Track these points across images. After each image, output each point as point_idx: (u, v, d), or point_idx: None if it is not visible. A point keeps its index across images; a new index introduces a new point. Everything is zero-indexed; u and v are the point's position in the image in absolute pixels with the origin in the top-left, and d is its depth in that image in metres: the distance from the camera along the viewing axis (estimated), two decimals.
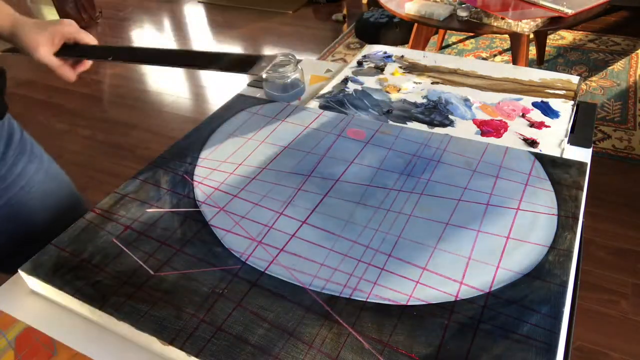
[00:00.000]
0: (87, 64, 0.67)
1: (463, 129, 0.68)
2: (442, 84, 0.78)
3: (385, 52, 0.89)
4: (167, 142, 0.68)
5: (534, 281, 0.44)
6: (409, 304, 0.44)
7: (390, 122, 0.70)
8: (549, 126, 0.67)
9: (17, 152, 0.66)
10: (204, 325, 0.43)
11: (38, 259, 0.50)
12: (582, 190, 0.54)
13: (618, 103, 2.00)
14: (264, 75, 0.76)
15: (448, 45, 2.53)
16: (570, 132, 0.67)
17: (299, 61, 0.82)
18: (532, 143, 0.64)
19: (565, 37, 2.52)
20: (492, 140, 0.65)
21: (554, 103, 0.71)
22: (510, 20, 1.63)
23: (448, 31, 2.50)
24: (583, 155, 0.62)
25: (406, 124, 0.70)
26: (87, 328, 0.47)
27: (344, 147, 0.63)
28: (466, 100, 0.74)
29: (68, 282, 0.48)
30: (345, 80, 0.81)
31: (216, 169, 0.61)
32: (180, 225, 0.53)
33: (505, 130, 0.67)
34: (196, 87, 2.44)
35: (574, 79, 0.77)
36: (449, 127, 0.68)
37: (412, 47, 2.04)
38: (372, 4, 2.86)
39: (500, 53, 2.43)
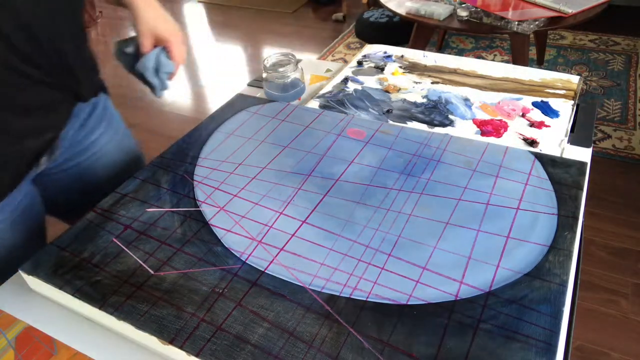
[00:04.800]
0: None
1: (463, 129, 0.68)
2: (442, 83, 0.78)
3: (385, 52, 0.89)
4: (167, 142, 0.68)
5: (534, 281, 0.44)
6: (409, 303, 0.44)
7: (390, 122, 0.70)
8: (549, 126, 0.67)
9: (97, 121, 0.71)
10: (204, 325, 0.43)
11: (38, 258, 0.50)
12: (582, 190, 0.54)
13: (618, 103, 2.00)
14: (264, 75, 0.76)
15: (448, 45, 2.53)
16: (570, 131, 0.67)
17: (299, 61, 0.82)
18: (532, 143, 0.64)
19: (565, 37, 2.52)
20: (492, 140, 0.65)
21: (554, 103, 0.71)
22: (510, 20, 1.63)
23: (448, 31, 2.50)
24: (583, 155, 0.62)
25: (406, 123, 0.70)
26: (87, 328, 0.47)
27: (344, 147, 0.63)
28: (466, 100, 0.74)
29: (68, 282, 0.48)
30: (346, 80, 0.81)
31: (216, 169, 0.61)
32: (180, 224, 0.53)
33: (505, 130, 0.67)
34: (196, 87, 2.44)
35: (574, 78, 0.77)
36: (449, 127, 0.68)
37: (412, 47, 2.04)
38: (372, 3, 2.86)
39: (500, 53, 2.43)
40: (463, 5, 1.76)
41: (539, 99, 0.73)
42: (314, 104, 0.75)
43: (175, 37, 0.66)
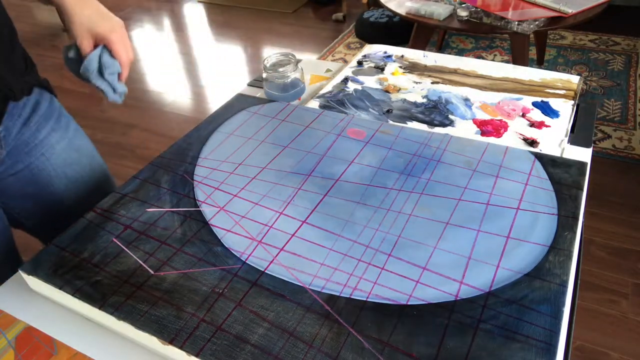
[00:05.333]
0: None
1: (463, 129, 0.68)
2: (442, 83, 0.78)
3: (385, 52, 0.89)
4: (167, 142, 0.68)
5: (534, 281, 0.44)
6: (409, 303, 0.44)
7: (390, 122, 0.70)
8: (549, 126, 0.67)
9: (42, 119, 0.68)
10: (204, 325, 0.43)
11: (38, 258, 0.50)
12: (582, 190, 0.54)
13: (618, 103, 2.00)
14: (264, 75, 0.76)
15: (448, 45, 2.53)
16: (571, 131, 0.67)
17: (299, 61, 0.82)
18: (532, 143, 0.64)
19: (565, 37, 2.52)
20: (492, 140, 0.65)
21: (554, 103, 0.71)
22: (510, 20, 1.63)
23: (448, 31, 2.50)
24: (583, 155, 0.62)
25: (406, 123, 0.70)
26: (87, 328, 0.47)
27: (344, 147, 0.63)
28: (466, 100, 0.74)
29: (68, 282, 0.48)
30: (346, 80, 0.81)
31: (216, 169, 0.61)
32: (180, 224, 0.53)
33: (505, 130, 0.67)
34: (196, 87, 2.44)
35: (574, 78, 0.77)
36: (449, 127, 0.68)
37: (412, 47, 2.04)
38: (372, 3, 2.86)
39: (500, 53, 2.43)
40: (463, 5, 1.76)
41: (539, 99, 0.73)
42: (314, 104, 0.75)
43: (115, 34, 0.61)
